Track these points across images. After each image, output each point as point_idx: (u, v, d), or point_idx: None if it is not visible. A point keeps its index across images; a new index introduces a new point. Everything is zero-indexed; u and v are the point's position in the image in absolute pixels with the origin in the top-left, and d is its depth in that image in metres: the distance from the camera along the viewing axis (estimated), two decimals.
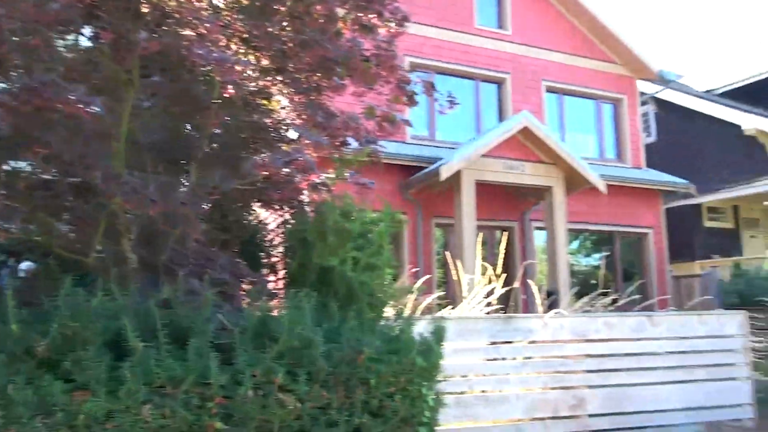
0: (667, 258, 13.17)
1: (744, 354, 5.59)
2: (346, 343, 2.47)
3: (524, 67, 12.85)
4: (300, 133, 2.69)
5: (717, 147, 14.77)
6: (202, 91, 2.81)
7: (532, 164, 10.45)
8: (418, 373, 2.63)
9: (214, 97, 2.84)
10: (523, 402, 4.87)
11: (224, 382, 2.18)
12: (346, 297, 3.15)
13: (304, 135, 2.69)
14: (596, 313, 5.55)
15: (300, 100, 3.30)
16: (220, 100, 3.22)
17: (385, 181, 10.73)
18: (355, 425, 2.43)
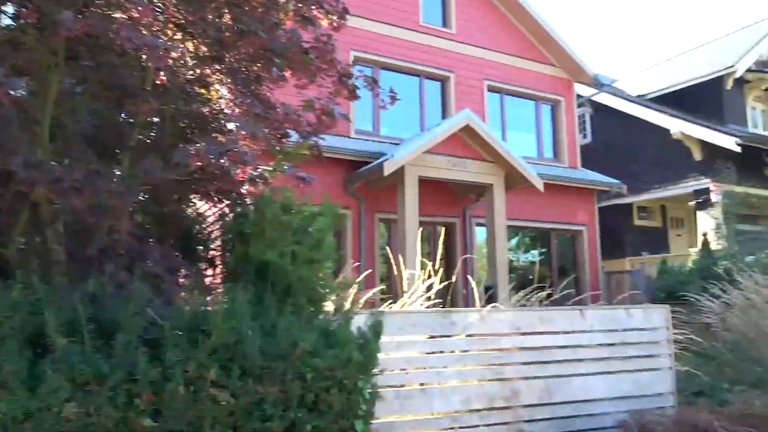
0: (599, 254, 13.73)
1: (667, 346, 5.89)
2: (281, 337, 2.44)
3: (468, 66, 13.07)
4: (237, 124, 2.63)
5: (647, 149, 15.50)
6: (132, 77, 2.70)
7: (474, 161, 10.67)
8: (354, 367, 2.63)
9: (146, 83, 2.74)
10: (461, 394, 4.95)
11: (153, 378, 2.12)
12: (284, 291, 3.11)
13: (240, 126, 2.63)
14: (531, 307, 5.70)
15: (239, 90, 3.23)
16: (152, 87, 3.11)
17: (329, 175, 10.70)
18: (290, 420, 2.41)
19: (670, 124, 14.43)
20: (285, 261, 3.12)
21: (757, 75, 15.19)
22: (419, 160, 10.04)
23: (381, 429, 4.65)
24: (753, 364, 7.93)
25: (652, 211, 16.69)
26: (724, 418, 4.73)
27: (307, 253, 3.24)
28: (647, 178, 15.54)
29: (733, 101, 15.24)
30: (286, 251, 3.15)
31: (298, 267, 3.15)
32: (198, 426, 2.18)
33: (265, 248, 3.12)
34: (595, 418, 5.37)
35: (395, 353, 4.85)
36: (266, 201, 3.21)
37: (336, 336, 2.66)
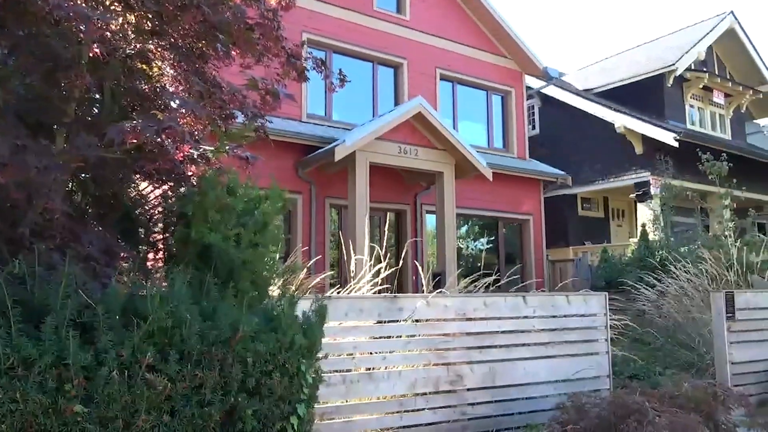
0: (544, 243, 14.11)
1: (604, 331, 6.12)
2: (222, 321, 2.40)
3: (421, 54, 13.10)
4: (179, 101, 2.54)
5: (592, 142, 15.98)
6: (66, 50, 2.56)
7: (425, 149, 10.73)
8: (297, 351, 2.61)
9: (82, 57, 2.60)
10: (407, 378, 5.01)
11: (85, 362, 2.04)
12: (227, 276, 3.05)
13: (180, 103, 2.54)
14: (476, 293, 5.80)
15: (182, 67, 3.12)
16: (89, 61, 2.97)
17: (280, 159, 10.55)
18: (230, 404, 2.37)
19: (614, 118, 14.91)
20: (228, 244, 3.06)
21: (695, 74, 15.86)
22: (371, 146, 10.03)
23: (327, 413, 4.67)
24: (683, 349, 8.36)
25: (595, 202, 17.26)
26: (655, 400, 4.95)
27: (251, 236, 3.19)
28: (591, 170, 16.03)
29: (673, 98, 15.87)
30: (229, 234, 3.09)
31: (241, 251, 3.09)
32: (133, 411, 2.11)
33: (208, 231, 3.05)
34: (536, 400, 5.54)
35: (342, 338, 4.86)
36: (209, 182, 3.13)
37: (279, 320, 2.63)
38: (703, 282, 8.61)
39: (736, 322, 7.03)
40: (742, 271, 8.79)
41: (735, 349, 6.98)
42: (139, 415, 2.10)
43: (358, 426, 4.77)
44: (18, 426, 1.93)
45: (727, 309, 6.95)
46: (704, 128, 16.71)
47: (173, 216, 3.40)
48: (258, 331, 2.50)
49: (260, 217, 3.29)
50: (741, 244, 9.49)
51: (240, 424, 2.38)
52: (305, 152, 10.71)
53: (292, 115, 11.20)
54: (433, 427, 5.04)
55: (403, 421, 4.95)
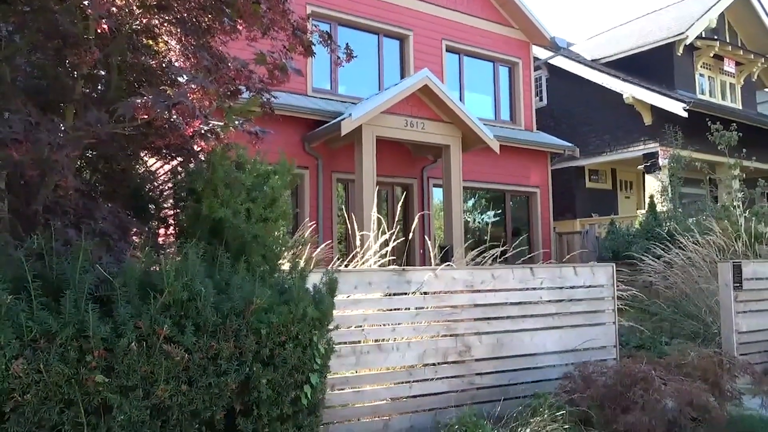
0: (551, 216, 14.10)
1: (611, 302, 6.17)
2: (235, 294, 2.45)
3: (427, 25, 12.94)
4: (186, 77, 2.54)
5: (600, 113, 15.82)
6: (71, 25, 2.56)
7: (431, 122, 10.68)
8: (309, 322, 2.67)
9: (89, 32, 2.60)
10: (416, 349, 5.08)
11: (105, 334, 2.09)
12: (238, 250, 3.10)
13: (190, 78, 2.54)
14: (484, 266, 5.84)
15: (189, 42, 3.12)
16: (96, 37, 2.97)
17: (287, 134, 10.54)
18: (245, 374, 2.44)
19: (623, 88, 14.73)
20: (239, 219, 3.09)
21: (705, 42, 15.58)
22: (377, 119, 9.99)
23: (338, 383, 4.76)
24: (690, 319, 8.42)
25: (603, 174, 17.17)
26: (661, 368, 5.02)
27: (261, 210, 3.22)
28: (599, 141, 15.92)
29: (683, 67, 15.63)
30: (239, 209, 3.12)
31: (252, 225, 3.13)
32: (152, 381, 2.18)
33: (218, 206, 3.08)
34: (543, 370, 5.62)
35: (352, 311, 4.93)
36: (219, 158, 3.15)
37: (291, 293, 2.68)
38: (710, 253, 8.62)
39: (743, 292, 7.06)
40: (750, 242, 8.78)
41: (741, 319, 7.03)
42: (158, 385, 2.17)
43: (368, 396, 4.87)
44: (42, 395, 2.00)
45: (734, 279, 6.98)
46: (714, 98, 16.49)
47: (183, 192, 3.43)
48: (271, 304, 2.55)
49: (269, 191, 3.32)
50: (750, 215, 9.46)
51: (255, 393, 2.45)
52: (312, 127, 10.69)
53: (297, 89, 11.15)
54: (443, 396, 5.13)
55: (412, 390, 5.04)
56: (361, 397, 4.83)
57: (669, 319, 8.74)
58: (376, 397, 4.87)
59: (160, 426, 2.20)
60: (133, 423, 2.11)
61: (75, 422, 2.04)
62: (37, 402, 1.99)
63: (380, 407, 4.88)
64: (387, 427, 4.87)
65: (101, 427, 2.07)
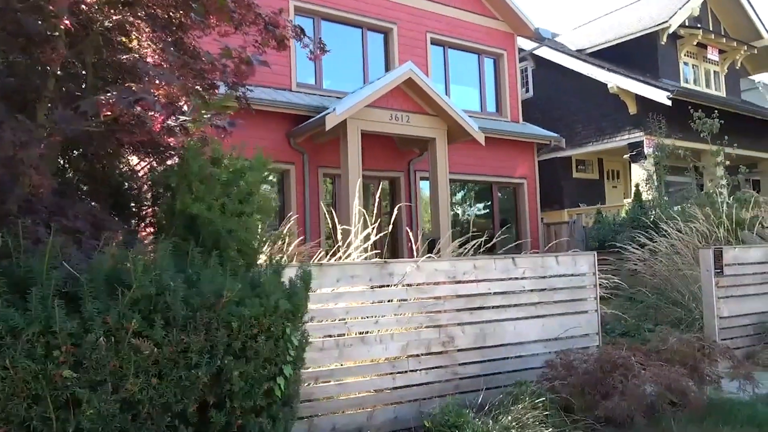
0: (539, 206, 14.17)
1: (593, 290, 6.22)
2: (205, 287, 2.46)
3: (410, 18, 12.93)
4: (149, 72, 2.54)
5: (586, 103, 15.90)
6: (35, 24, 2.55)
7: (416, 115, 10.70)
8: (282, 314, 2.69)
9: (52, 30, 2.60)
10: (399, 341, 5.11)
11: (72, 330, 2.11)
12: (213, 244, 3.11)
13: (154, 74, 2.55)
14: (466, 257, 5.88)
15: (159, 38, 3.11)
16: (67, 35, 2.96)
17: (272, 129, 10.54)
18: (217, 367, 2.46)
19: (607, 78, 14.80)
20: (213, 214, 3.10)
21: (689, 31, 15.67)
22: (361, 113, 9.99)
23: (322, 376, 4.79)
24: (674, 306, 8.51)
25: (590, 163, 17.27)
26: (641, 354, 5.09)
27: (235, 205, 3.23)
28: (586, 131, 16.00)
29: (667, 56, 15.72)
30: (213, 204, 3.13)
31: (226, 220, 3.14)
32: (121, 375, 2.20)
33: (192, 201, 3.09)
34: (527, 358, 5.66)
35: (334, 304, 4.95)
36: (192, 153, 3.16)
37: (263, 286, 2.69)
38: (693, 239, 8.71)
39: (724, 277, 7.14)
40: (733, 228, 8.88)
41: (723, 304, 7.12)
42: (127, 379, 2.18)
43: (351, 388, 4.89)
44: (9, 391, 2.01)
45: (716, 265, 7.06)
46: (699, 86, 16.60)
47: (158, 188, 3.44)
48: (243, 297, 2.57)
49: (245, 186, 3.33)
50: (732, 201, 9.55)
51: (228, 386, 2.47)
52: (297, 122, 10.67)
53: (282, 84, 11.13)
54: (426, 387, 5.17)
55: (396, 382, 5.07)
56: (344, 390, 4.86)
57: (654, 306, 8.82)
58: (360, 388, 4.90)
59: (130, 420, 2.22)
60: (103, 417, 2.12)
61: (43, 417, 2.05)
62: (4, 398, 2.00)
63: (364, 399, 4.92)
64: (371, 418, 4.90)
65: (70, 422, 2.08)
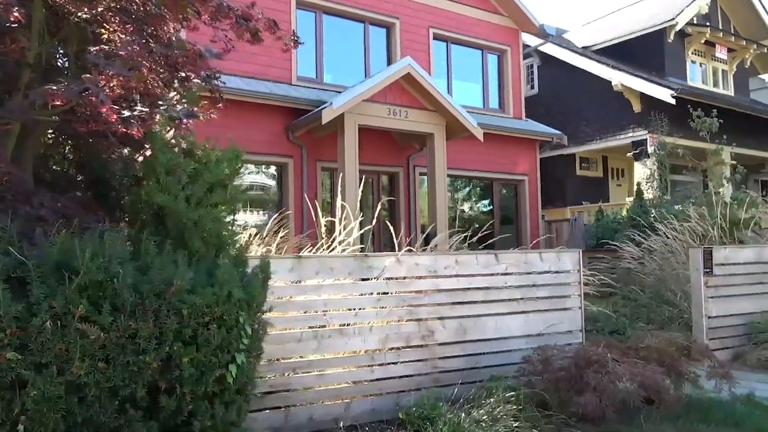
0: (539, 203, 14.13)
1: (578, 287, 6.23)
2: (156, 275, 2.53)
3: (413, 13, 12.91)
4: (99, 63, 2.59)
5: (591, 101, 15.79)
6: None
7: (415, 110, 10.70)
8: (235, 304, 2.75)
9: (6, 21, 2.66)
10: (378, 334, 5.16)
11: (17, 313, 2.18)
12: (179, 235, 3.17)
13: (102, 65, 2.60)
14: (448, 251, 5.90)
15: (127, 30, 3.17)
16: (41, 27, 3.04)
17: (271, 123, 10.60)
18: (166, 353, 2.52)
19: (611, 75, 14.68)
20: (178, 204, 3.16)
21: (696, 29, 15.49)
22: (359, 108, 10.02)
23: (300, 367, 4.86)
24: (666, 305, 8.49)
25: (594, 161, 17.16)
26: (618, 351, 5.10)
27: (202, 196, 3.29)
28: (590, 129, 15.90)
29: (674, 54, 15.55)
30: (179, 194, 3.19)
31: (192, 211, 3.20)
32: (66, 359, 2.27)
33: (158, 191, 3.15)
34: (508, 354, 5.69)
35: (313, 296, 5.01)
36: (159, 144, 3.21)
37: (217, 275, 2.75)
38: (687, 239, 8.67)
39: (714, 277, 7.11)
40: (729, 228, 8.81)
41: (712, 304, 7.09)
42: (72, 362, 2.25)
43: (330, 379, 4.95)
44: None
45: (705, 265, 7.03)
46: (706, 84, 16.41)
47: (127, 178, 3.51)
48: (195, 285, 2.63)
49: (210, 176, 3.38)
50: (731, 200, 9.48)
51: (177, 371, 2.54)
52: (296, 115, 10.72)
53: (282, 78, 11.18)
54: (405, 380, 5.21)
55: (374, 374, 5.12)
56: (323, 381, 4.91)
57: (647, 305, 8.80)
58: (338, 380, 4.96)
59: (77, 402, 2.29)
60: (48, 399, 2.20)
61: None
62: None
63: (342, 390, 4.97)
64: (348, 409, 4.95)
65: (15, 402, 2.16)
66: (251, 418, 4.53)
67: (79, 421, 2.29)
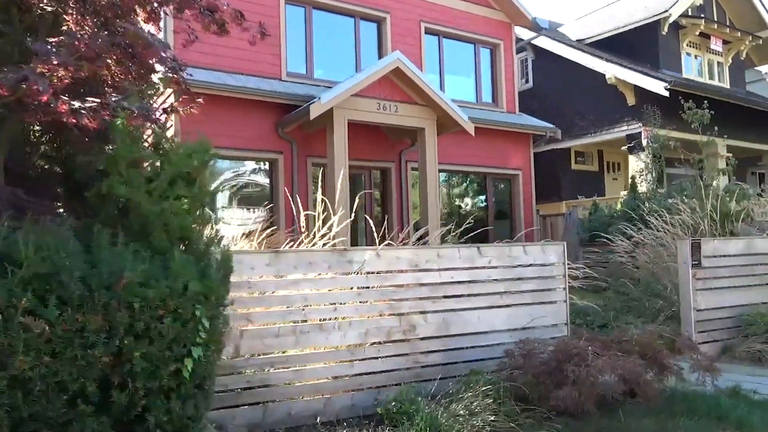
0: (533, 198, 14.05)
1: (562, 280, 6.17)
2: (104, 268, 2.48)
3: (404, 7, 12.83)
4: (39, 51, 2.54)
5: (585, 94, 15.70)
6: None
7: (405, 105, 10.64)
8: (191, 297, 2.70)
9: None
10: (358, 329, 5.11)
11: None
12: (141, 228, 3.13)
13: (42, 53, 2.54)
14: (429, 245, 5.85)
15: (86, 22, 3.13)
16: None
17: (260, 118, 10.55)
18: (116, 347, 2.48)
19: (605, 68, 14.59)
20: (140, 196, 3.12)
21: (691, 20, 15.37)
22: (348, 103, 9.96)
23: (278, 362, 4.83)
24: (657, 298, 8.42)
25: (590, 155, 17.08)
26: (600, 344, 5.04)
27: (165, 189, 3.24)
28: (584, 123, 15.81)
29: (668, 47, 15.45)
30: (140, 186, 3.14)
31: (154, 204, 3.15)
32: (9, 352, 2.22)
33: (120, 184, 3.11)
34: (492, 348, 5.63)
35: (291, 290, 4.97)
36: (120, 136, 3.17)
37: (173, 268, 2.71)
38: (678, 231, 8.60)
39: (702, 269, 7.05)
40: (720, 220, 8.74)
41: (700, 297, 7.02)
42: (16, 356, 2.21)
43: (308, 374, 4.92)
44: None
45: (693, 257, 6.97)
46: (702, 77, 16.30)
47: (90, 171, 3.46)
48: (148, 278, 2.58)
49: (175, 170, 3.33)
50: (722, 193, 9.40)
51: (128, 366, 2.49)
52: (286, 112, 10.67)
53: (271, 73, 11.12)
54: (386, 375, 5.16)
55: (354, 369, 5.07)
56: (301, 376, 4.88)
57: (638, 299, 8.74)
58: (317, 375, 4.92)
59: (22, 397, 2.25)
60: None
61: None
62: None
63: (322, 386, 4.93)
64: (328, 404, 4.91)
65: None
66: (229, 414, 4.52)
67: (25, 417, 2.26)
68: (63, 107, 2.59)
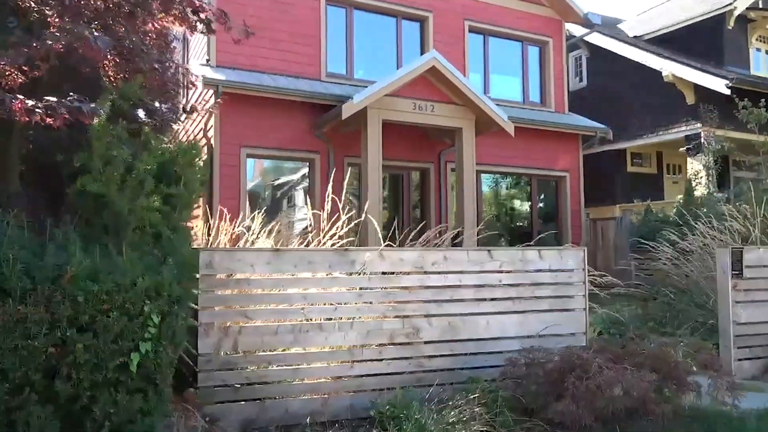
0: (582, 201, 13.51)
1: (582, 287, 5.87)
2: (48, 261, 2.56)
3: (447, 6, 12.65)
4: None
5: (642, 93, 14.96)
6: None
7: (441, 105, 10.47)
8: (140, 292, 2.74)
9: None
10: (359, 330, 5.05)
11: None
12: (114, 224, 3.21)
13: None
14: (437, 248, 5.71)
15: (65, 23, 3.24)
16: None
17: (298, 119, 10.68)
18: (58, 338, 2.55)
19: (662, 65, 13.82)
20: (111, 193, 3.20)
21: (761, 13, 14.31)
22: (382, 103, 9.91)
23: (276, 360, 4.85)
24: (698, 308, 7.89)
25: (647, 157, 16.25)
26: (610, 356, 4.75)
27: (137, 186, 3.32)
28: (640, 123, 15.06)
29: (735, 42, 14.44)
30: (114, 183, 3.23)
31: (127, 200, 3.23)
32: None
33: (93, 181, 3.20)
34: (499, 355, 5.43)
35: (291, 289, 4.98)
36: (96, 134, 3.27)
37: (123, 263, 2.76)
38: (727, 239, 8.01)
39: (744, 280, 6.52)
40: None
41: (742, 309, 6.49)
42: None
43: (306, 374, 4.91)
44: None
45: (734, 266, 6.46)
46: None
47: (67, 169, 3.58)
48: (96, 272, 2.64)
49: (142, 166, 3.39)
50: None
51: (72, 357, 2.56)
52: (326, 112, 10.75)
53: (311, 74, 11.25)
54: (387, 378, 5.08)
55: (354, 370, 5.02)
56: (299, 375, 4.88)
57: (680, 309, 8.21)
58: (316, 375, 4.91)
59: None
60: None
61: None
62: None
63: (320, 386, 4.91)
64: (326, 405, 4.89)
65: None
66: (226, 408, 4.58)
67: None
68: (18, 105, 2.69)
